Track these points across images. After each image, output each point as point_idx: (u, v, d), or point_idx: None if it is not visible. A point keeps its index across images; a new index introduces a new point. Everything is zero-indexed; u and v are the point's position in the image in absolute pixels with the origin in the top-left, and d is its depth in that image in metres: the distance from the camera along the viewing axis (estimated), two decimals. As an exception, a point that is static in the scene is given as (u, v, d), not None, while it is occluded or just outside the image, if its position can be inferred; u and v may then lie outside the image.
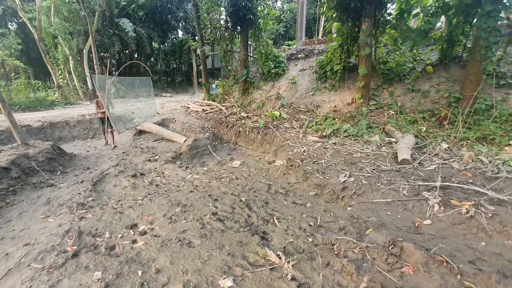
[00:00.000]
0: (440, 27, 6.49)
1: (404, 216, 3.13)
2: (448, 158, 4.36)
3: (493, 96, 5.44)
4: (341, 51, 7.35)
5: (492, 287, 2.01)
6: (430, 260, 2.31)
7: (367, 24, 6.22)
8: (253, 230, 3.01)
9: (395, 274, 2.24)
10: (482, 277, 2.10)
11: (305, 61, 9.52)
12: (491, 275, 2.09)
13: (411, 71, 6.78)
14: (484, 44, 4.92)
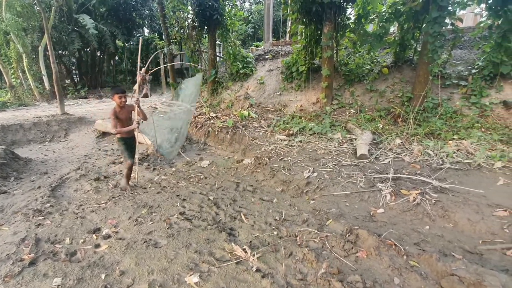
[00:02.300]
0: (394, 32, 7.01)
1: (361, 206, 3.39)
2: (400, 152, 4.77)
3: (440, 95, 6.02)
4: (305, 53, 7.65)
5: (433, 264, 2.27)
6: (381, 244, 2.54)
7: (328, 27, 6.55)
8: (220, 227, 3.07)
9: (351, 259, 2.44)
10: (425, 256, 2.37)
11: (272, 62, 9.74)
12: (432, 254, 2.36)
13: (369, 73, 7.26)
14: (431, 47, 5.44)
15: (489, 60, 5.65)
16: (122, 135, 3.96)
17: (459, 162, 4.16)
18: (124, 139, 4.04)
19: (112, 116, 3.75)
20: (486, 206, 3.02)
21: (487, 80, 5.73)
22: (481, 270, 2.11)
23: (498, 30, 5.50)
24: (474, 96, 5.67)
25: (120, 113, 3.83)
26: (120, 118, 3.83)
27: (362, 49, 7.26)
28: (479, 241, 2.64)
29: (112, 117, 3.75)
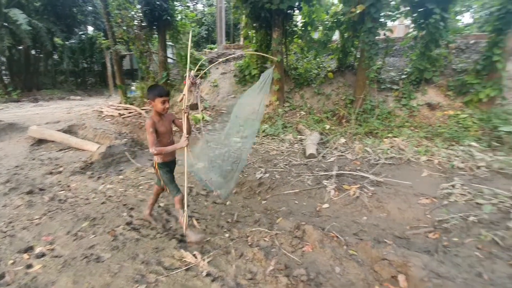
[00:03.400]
0: (336, 39, 7.57)
1: (308, 203, 3.60)
2: (344, 150, 5.16)
3: (377, 98, 6.66)
4: (257, 57, 7.83)
5: (368, 251, 2.51)
6: (325, 237, 2.73)
7: (277, 33, 6.81)
8: (171, 234, 3.00)
9: (298, 254, 2.58)
10: (362, 244, 2.61)
11: (226, 65, 9.76)
12: (367, 242, 2.62)
13: (316, 77, 7.72)
14: (367, 55, 6.00)
15: (415, 67, 6.44)
16: (163, 157, 2.78)
17: (393, 158, 4.65)
18: (166, 164, 2.83)
19: (150, 128, 2.57)
20: (413, 196, 3.44)
21: (414, 84, 6.51)
22: (407, 252, 2.41)
23: (422, 40, 6.30)
24: (404, 98, 6.40)
25: (160, 124, 2.67)
26: (160, 132, 2.66)
27: (309, 54, 7.69)
28: (407, 227, 3.00)
29: (149, 130, 2.57)
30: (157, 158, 2.79)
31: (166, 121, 2.75)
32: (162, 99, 2.61)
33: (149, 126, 2.58)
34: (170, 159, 2.87)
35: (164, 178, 2.82)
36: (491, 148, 4.81)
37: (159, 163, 2.80)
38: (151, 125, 2.59)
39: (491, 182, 3.65)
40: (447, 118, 5.85)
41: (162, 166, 2.81)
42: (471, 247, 2.51)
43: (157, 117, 2.68)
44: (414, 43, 6.51)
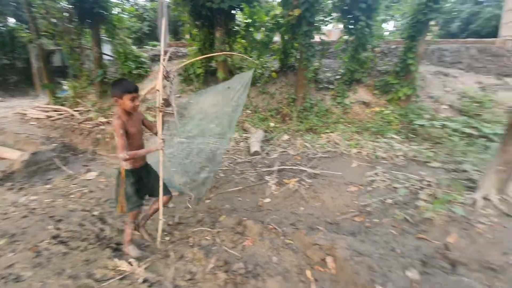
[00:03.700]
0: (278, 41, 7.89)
1: (251, 199, 3.71)
2: (287, 146, 5.43)
3: (315, 96, 7.14)
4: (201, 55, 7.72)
5: (302, 239, 2.70)
6: (264, 230, 2.86)
7: (220, 32, 6.82)
8: (105, 244, 2.82)
9: (238, 249, 2.65)
10: (297, 233, 2.80)
11: (170, 63, 9.41)
12: (302, 230, 2.82)
13: (261, 76, 7.94)
14: (304, 56, 6.39)
15: (347, 68, 7.07)
16: (134, 162, 2.40)
17: (329, 151, 5.06)
18: (137, 173, 2.46)
19: (120, 130, 2.19)
20: (343, 185, 3.80)
21: (347, 84, 7.14)
22: (335, 236, 2.66)
23: (352, 44, 6.94)
24: (339, 97, 6.98)
25: (130, 124, 2.30)
26: (130, 133, 2.30)
27: (253, 54, 7.87)
28: (338, 213, 3.30)
29: (119, 132, 2.19)
30: (125, 164, 2.37)
31: (135, 121, 2.38)
32: (131, 95, 2.25)
33: (119, 127, 2.19)
34: (141, 164, 2.50)
35: (128, 189, 2.40)
36: (408, 139, 5.56)
37: (128, 170, 2.39)
38: (121, 125, 2.20)
39: (406, 168, 4.22)
40: (374, 114, 6.57)
41: (130, 175, 2.41)
42: (387, 226, 2.88)
43: (125, 116, 2.30)
44: (346, 47, 7.14)
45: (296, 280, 2.22)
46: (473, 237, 2.54)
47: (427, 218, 2.86)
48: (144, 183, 2.56)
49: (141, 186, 2.54)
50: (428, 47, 6.90)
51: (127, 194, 2.43)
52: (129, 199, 2.45)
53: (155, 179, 2.59)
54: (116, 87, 2.27)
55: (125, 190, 2.42)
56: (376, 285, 2.00)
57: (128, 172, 2.41)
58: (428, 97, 6.81)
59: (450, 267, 2.27)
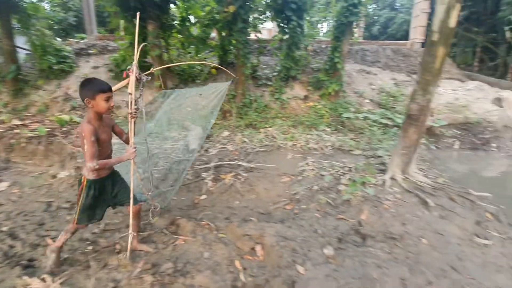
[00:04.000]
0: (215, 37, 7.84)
1: (187, 197, 3.65)
2: (226, 142, 5.47)
3: (255, 93, 7.32)
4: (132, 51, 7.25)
5: (234, 231, 2.77)
6: (197, 227, 2.85)
7: (153, 26, 6.48)
8: (14, 261, 2.48)
9: (169, 249, 2.59)
10: (230, 226, 2.85)
11: (99, 58, 8.60)
12: (234, 223, 2.88)
13: (200, 73, 7.81)
14: (241, 53, 6.47)
15: (283, 66, 7.39)
16: (99, 172, 2.18)
17: (266, 145, 5.25)
18: (99, 182, 2.24)
19: (92, 136, 1.98)
20: (277, 176, 4.00)
21: (283, 80, 7.47)
22: (264, 225, 2.79)
23: (286, 43, 7.26)
24: (276, 93, 7.27)
25: (101, 130, 2.12)
26: (101, 140, 2.11)
27: (191, 50, 7.68)
28: (271, 204, 3.47)
29: (90, 139, 1.97)
30: (89, 173, 2.14)
31: (106, 126, 2.19)
32: (106, 95, 2.06)
33: (90, 134, 1.96)
34: (107, 173, 2.27)
35: (84, 201, 2.20)
36: (337, 131, 6.09)
37: (91, 180, 2.16)
38: (92, 132, 1.98)
39: (333, 157, 4.63)
40: (308, 109, 7.02)
41: (92, 186, 2.19)
42: (313, 211, 3.13)
43: (96, 121, 2.09)
44: (280, 45, 7.45)
45: (225, 271, 2.27)
46: (381, 213, 2.92)
47: (346, 200, 3.19)
48: (107, 193, 2.35)
49: (104, 197, 2.34)
50: (351, 47, 7.64)
51: (83, 205, 2.22)
52: (83, 211, 2.25)
53: (120, 188, 2.38)
54: (87, 87, 2.05)
55: (82, 201, 2.21)
56: (296, 265, 2.17)
57: (91, 182, 2.18)
58: (353, 92, 7.54)
59: (361, 240, 2.58)
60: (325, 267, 2.14)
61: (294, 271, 2.12)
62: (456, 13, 2.76)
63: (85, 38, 11.26)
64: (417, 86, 3.18)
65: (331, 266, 2.16)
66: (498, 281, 2.13)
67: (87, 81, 2.12)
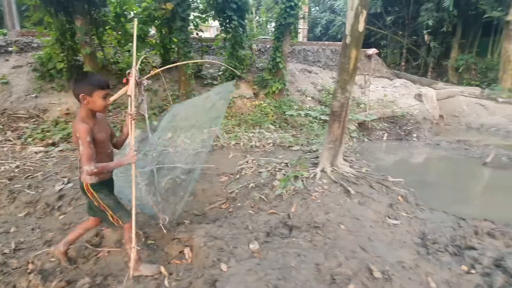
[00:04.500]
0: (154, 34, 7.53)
1: (119, 205, 3.45)
2: (168, 145, 5.29)
3: (200, 92, 7.20)
4: (61, 48, 6.60)
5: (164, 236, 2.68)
6: (124, 235, 2.71)
7: (82, 21, 5.99)
8: None
9: (90, 263, 2.42)
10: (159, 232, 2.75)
11: (20, 56, 7.65)
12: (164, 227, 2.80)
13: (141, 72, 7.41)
14: (182, 52, 6.32)
15: (228, 65, 7.39)
16: (100, 177, 2.01)
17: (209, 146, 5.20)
18: (104, 184, 2.07)
19: (87, 137, 1.81)
20: (216, 176, 4.00)
21: (229, 79, 7.48)
22: (195, 226, 2.76)
23: (229, 42, 7.28)
24: (221, 92, 7.25)
25: (97, 129, 1.93)
26: (98, 140, 1.91)
27: (128, 48, 7.27)
28: (207, 204, 3.45)
29: (86, 140, 1.80)
30: (89, 178, 1.97)
31: (102, 125, 2.02)
32: (104, 92, 1.91)
33: (86, 133, 1.79)
34: (108, 178, 2.12)
35: (107, 202, 2.04)
36: (281, 128, 6.31)
37: (94, 184, 1.99)
38: (88, 131, 1.81)
39: (273, 154, 4.78)
40: (254, 107, 7.14)
41: (99, 188, 2.02)
42: (247, 208, 3.20)
43: (91, 119, 1.93)
44: (224, 44, 7.44)
45: (149, 279, 2.19)
46: (309, 204, 3.10)
47: (279, 195, 3.32)
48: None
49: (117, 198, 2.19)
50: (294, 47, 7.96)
51: (110, 206, 2.06)
52: (116, 211, 2.09)
53: None
54: (84, 83, 1.89)
55: (107, 205, 2.05)
56: (221, 263, 2.19)
57: (96, 186, 2.01)
58: (297, 90, 7.88)
59: (287, 232, 2.71)
60: (248, 262, 2.20)
61: (218, 270, 2.14)
62: (363, 18, 3.05)
63: (6, 34, 9.93)
64: (336, 85, 3.45)
65: (255, 260, 2.22)
66: (401, 256, 2.41)
67: (84, 76, 2.04)
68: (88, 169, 1.83)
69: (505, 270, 2.34)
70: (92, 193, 2.01)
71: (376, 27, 13.27)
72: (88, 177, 1.97)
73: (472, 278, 2.26)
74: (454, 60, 11.51)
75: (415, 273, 2.23)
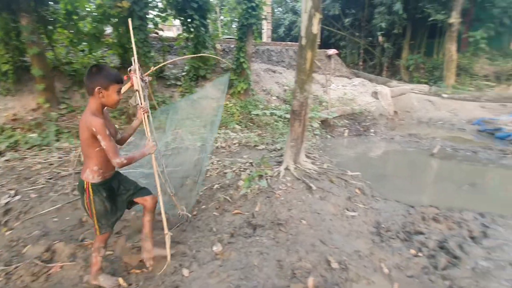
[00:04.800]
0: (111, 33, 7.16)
1: (73, 215, 3.23)
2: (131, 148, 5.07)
3: (164, 94, 6.99)
4: (6, 48, 6.00)
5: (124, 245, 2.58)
6: (78, 248, 2.55)
7: (27, 20, 5.50)
8: None
9: (40, 280, 2.24)
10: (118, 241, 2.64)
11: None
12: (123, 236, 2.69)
13: (98, 73, 7.00)
14: (141, 52, 6.07)
15: (191, 65, 7.27)
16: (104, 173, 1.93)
17: (174, 148, 5.08)
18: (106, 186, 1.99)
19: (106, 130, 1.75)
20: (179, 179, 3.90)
21: (193, 80, 7.36)
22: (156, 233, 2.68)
23: (192, 42, 7.15)
24: (187, 93, 7.11)
25: (107, 124, 1.85)
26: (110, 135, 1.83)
27: (82, 48, 6.83)
28: (171, 209, 3.37)
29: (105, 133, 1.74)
30: (91, 176, 1.89)
31: (109, 121, 2.02)
32: (119, 86, 1.89)
33: (103, 127, 1.74)
34: (111, 175, 2.02)
35: (98, 208, 1.94)
36: (247, 128, 6.34)
37: (95, 184, 1.90)
38: (105, 125, 1.77)
39: (239, 154, 4.80)
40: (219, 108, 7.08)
41: (99, 190, 1.92)
42: (211, 209, 3.18)
43: (102, 114, 1.87)
44: (185, 44, 7.30)
45: (106, 291, 2.10)
46: (272, 202, 3.16)
47: (243, 195, 3.35)
48: (118, 195, 2.12)
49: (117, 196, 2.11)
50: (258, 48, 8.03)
51: (97, 213, 1.96)
52: (100, 219, 1.99)
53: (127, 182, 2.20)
54: (102, 75, 1.82)
55: (96, 209, 1.95)
56: (183, 269, 2.16)
57: (97, 186, 1.92)
58: (262, 90, 7.97)
59: (251, 231, 2.75)
60: (211, 265, 2.19)
61: (179, 276, 2.10)
62: (317, 20, 3.19)
63: None
64: (295, 85, 3.56)
65: (217, 263, 2.22)
66: (357, 246, 2.57)
67: (100, 68, 1.89)
68: (118, 161, 1.82)
69: (448, 251, 2.59)
70: (89, 194, 1.92)
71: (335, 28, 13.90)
72: (91, 176, 1.90)
73: (420, 260, 2.47)
74: (405, 60, 12.47)
75: (370, 261, 2.39)
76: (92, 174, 1.89)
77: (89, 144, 1.81)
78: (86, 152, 1.86)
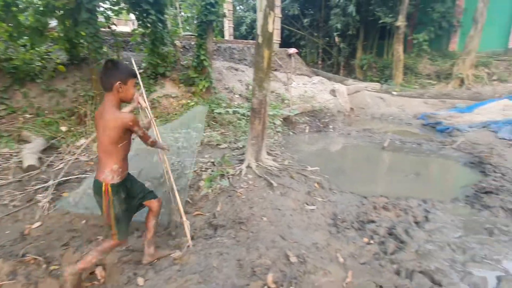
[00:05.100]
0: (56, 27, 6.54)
1: (13, 229, 2.91)
2: (80, 152, 4.70)
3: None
4: None
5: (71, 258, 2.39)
6: (19, 265, 2.30)
7: (-51, 8, 4.78)
8: None
9: (-31, 305, 1.98)
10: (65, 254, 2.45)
11: None
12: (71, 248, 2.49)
13: (42, 70, 6.37)
14: (91, 47, 5.65)
15: (149, 62, 6.94)
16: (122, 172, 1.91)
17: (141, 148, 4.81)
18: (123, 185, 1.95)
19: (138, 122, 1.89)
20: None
21: (151, 78, 7.03)
22: (111, 241, 2.52)
23: (149, 38, 6.81)
24: (146, 91, 6.77)
25: None
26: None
27: (23, 42, 6.14)
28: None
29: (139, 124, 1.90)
30: (111, 176, 1.86)
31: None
32: (135, 80, 2.00)
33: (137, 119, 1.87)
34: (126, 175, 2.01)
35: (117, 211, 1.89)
36: (209, 127, 6.23)
37: (115, 184, 1.87)
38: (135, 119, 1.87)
39: (200, 153, 4.70)
40: (181, 107, 6.89)
41: (118, 191, 1.90)
42: (171, 213, 3.07)
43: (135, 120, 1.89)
44: (143, 40, 6.94)
45: (52, 309, 1.92)
46: (234, 201, 3.16)
47: (205, 195, 3.29)
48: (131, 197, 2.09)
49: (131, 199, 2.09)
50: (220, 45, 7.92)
51: (117, 216, 1.91)
52: (120, 223, 1.94)
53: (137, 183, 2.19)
54: (120, 70, 1.84)
55: (115, 212, 1.89)
56: (137, 278, 2.06)
57: (116, 187, 1.87)
58: (224, 88, 7.90)
59: (212, 232, 2.71)
60: (168, 271, 2.12)
61: (134, 285, 2.00)
62: (272, 19, 3.24)
63: None
64: (254, 83, 3.59)
65: (175, 268, 2.15)
66: (315, 238, 2.67)
67: (116, 63, 1.88)
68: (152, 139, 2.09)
69: (396, 237, 2.81)
70: (109, 196, 1.86)
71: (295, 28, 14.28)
72: (111, 176, 1.85)
73: (371, 248, 2.65)
74: (359, 59, 13.26)
75: (327, 252, 2.50)
76: (112, 174, 1.86)
77: (116, 140, 1.80)
78: (108, 150, 1.82)
